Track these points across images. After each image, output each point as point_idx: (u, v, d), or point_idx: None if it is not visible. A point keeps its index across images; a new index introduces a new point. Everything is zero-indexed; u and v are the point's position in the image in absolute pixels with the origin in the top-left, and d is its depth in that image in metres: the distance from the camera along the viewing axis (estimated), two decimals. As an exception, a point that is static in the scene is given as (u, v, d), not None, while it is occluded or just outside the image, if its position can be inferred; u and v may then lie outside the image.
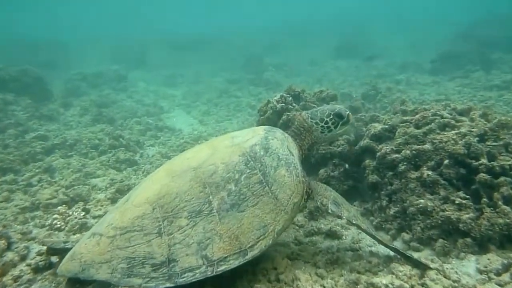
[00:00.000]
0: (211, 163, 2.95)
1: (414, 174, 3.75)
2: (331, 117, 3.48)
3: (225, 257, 2.53)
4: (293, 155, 3.21)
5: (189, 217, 2.65)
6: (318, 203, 3.17)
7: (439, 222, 3.40)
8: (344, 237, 4.02)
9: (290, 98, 5.45)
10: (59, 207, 4.57)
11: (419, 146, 3.82)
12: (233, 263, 2.54)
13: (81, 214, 4.38)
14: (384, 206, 3.98)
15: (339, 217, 3.11)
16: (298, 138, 3.59)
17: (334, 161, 4.71)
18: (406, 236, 3.63)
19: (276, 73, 20.80)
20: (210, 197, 2.74)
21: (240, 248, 2.58)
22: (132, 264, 2.46)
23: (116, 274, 2.44)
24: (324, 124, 3.50)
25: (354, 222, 3.07)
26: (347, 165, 4.66)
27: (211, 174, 2.87)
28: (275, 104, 5.29)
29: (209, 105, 16.38)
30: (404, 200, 3.78)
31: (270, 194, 2.85)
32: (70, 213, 4.38)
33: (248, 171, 2.91)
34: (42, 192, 5.23)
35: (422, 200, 3.57)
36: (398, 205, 3.85)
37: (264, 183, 2.88)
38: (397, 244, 3.71)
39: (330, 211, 3.08)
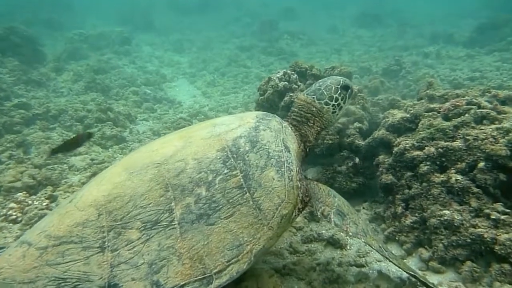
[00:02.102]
0: (180, 159, 2.44)
1: (439, 178, 3.22)
2: (339, 91, 3.09)
3: (182, 285, 2.04)
4: (289, 151, 2.68)
5: (142, 228, 2.16)
6: (318, 213, 2.71)
7: (468, 240, 2.90)
8: (348, 247, 3.55)
9: (295, 75, 4.84)
10: (18, 194, 4.11)
11: (447, 143, 3.27)
12: None
13: (44, 204, 3.92)
14: (399, 213, 3.45)
15: (345, 232, 2.63)
16: (303, 126, 3.12)
17: (342, 154, 4.15)
18: (424, 253, 3.16)
19: (291, 41, 20.00)
20: (172, 204, 2.24)
21: (204, 274, 2.09)
22: (62, 288, 2.00)
23: (38, 302, 1.98)
24: (335, 102, 3.10)
25: (363, 240, 2.62)
26: (357, 159, 4.10)
27: (177, 173, 2.36)
28: (276, 83, 4.68)
29: (215, 74, 15.87)
30: (424, 208, 3.25)
31: (251, 203, 2.34)
32: (30, 201, 3.92)
33: (225, 171, 2.40)
34: (6, 172, 4.78)
35: (447, 211, 3.05)
36: (416, 214, 3.33)
37: (245, 188, 2.37)
38: (413, 261, 3.22)
39: (333, 224, 2.62)
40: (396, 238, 3.42)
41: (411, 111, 3.78)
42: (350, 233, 2.62)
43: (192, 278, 2.07)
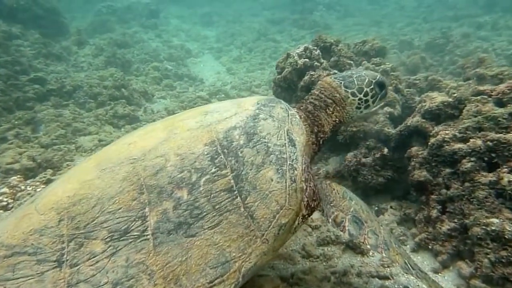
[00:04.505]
0: (160, 154, 2.09)
1: (486, 177, 2.74)
2: (372, 86, 2.70)
3: (153, 313, 1.73)
4: (294, 145, 2.29)
5: (108, 239, 1.83)
6: (330, 220, 2.30)
7: None
8: (370, 253, 3.15)
9: (318, 51, 4.33)
10: (12, 178, 3.93)
11: (499, 135, 2.74)
12: None
13: (38, 189, 3.73)
14: (434, 217, 2.99)
15: (362, 244, 2.23)
16: (321, 112, 2.73)
17: (368, 143, 3.67)
18: (464, 267, 2.77)
19: (326, 13, 19.13)
20: (146, 210, 1.90)
21: (180, 298, 1.76)
22: (9, 312, 1.73)
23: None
24: (364, 96, 2.70)
25: (384, 255, 2.21)
26: (386, 149, 3.60)
27: (155, 171, 2.01)
28: (296, 60, 4.21)
29: (242, 50, 15.50)
30: (465, 213, 2.79)
31: (243, 209, 1.97)
32: (23, 187, 3.73)
33: (213, 170, 2.04)
34: (6, 153, 4.63)
35: (495, 219, 2.59)
36: (455, 220, 2.87)
37: (236, 192, 2.01)
38: (449, 276, 2.81)
39: (347, 234, 2.22)
40: (430, 246, 2.99)
41: (455, 95, 3.23)
42: (368, 246, 2.21)
43: (165, 303, 1.74)
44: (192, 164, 2.04)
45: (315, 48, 4.41)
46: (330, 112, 2.72)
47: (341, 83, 2.72)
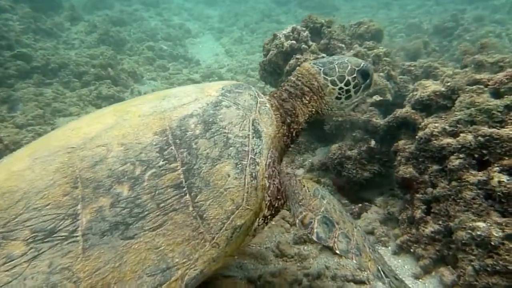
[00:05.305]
0: (102, 143, 1.88)
1: (475, 177, 2.53)
2: (354, 75, 2.48)
3: (73, 330, 1.55)
4: (260, 137, 2.10)
5: (30, 240, 1.64)
6: (297, 221, 2.07)
7: (510, 267, 2.21)
8: (349, 255, 2.92)
9: (306, 32, 4.06)
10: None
11: (492, 130, 2.51)
12: None
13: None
14: (418, 218, 2.79)
15: (332, 248, 2.03)
16: (296, 101, 2.53)
17: (354, 134, 3.44)
18: (447, 274, 2.61)
19: (335, -8, 18.62)
20: (79, 207, 1.70)
21: (108, 312, 1.58)
22: None
23: None
24: (345, 85, 2.48)
25: (355, 262, 1.98)
26: (373, 142, 3.38)
27: (93, 163, 1.81)
28: (282, 41, 3.95)
29: (244, 31, 15.18)
30: (451, 215, 2.57)
31: (191, 209, 1.78)
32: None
33: (160, 163, 1.84)
34: (-27, 134, 4.44)
35: (482, 223, 2.39)
36: (440, 222, 2.66)
37: (185, 189, 1.81)
38: (431, 283, 2.62)
39: (314, 237, 1.99)
40: (411, 249, 2.79)
41: (448, 83, 2.97)
42: (338, 251, 1.99)
43: (89, 318, 1.56)
44: (137, 155, 1.83)
45: (304, 29, 4.14)
46: (307, 102, 2.51)
47: (320, 69, 2.50)
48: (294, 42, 3.95)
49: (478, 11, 11.07)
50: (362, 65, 2.48)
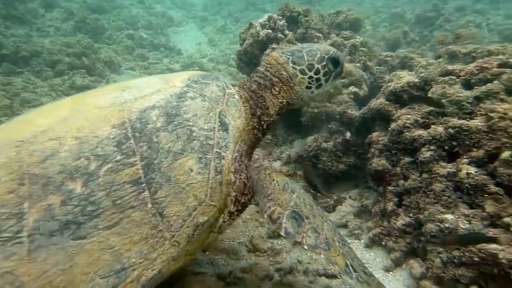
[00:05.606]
0: (55, 136, 1.79)
1: (444, 168, 2.55)
2: (324, 63, 2.42)
3: None
4: (226, 130, 2.05)
5: (-29, 242, 1.58)
6: (265, 217, 2.02)
7: (476, 258, 2.25)
8: (322, 248, 2.93)
9: (283, 21, 4.02)
10: None
11: (462, 121, 2.51)
12: None
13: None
14: (390, 210, 2.81)
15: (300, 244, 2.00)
16: (265, 93, 2.46)
17: (330, 126, 3.43)
18: (416, 267, 2.62)
19: (320, -17, 18.52)
20: (25, 205, 1.62)
21: (55, 318, 1.53)
22: None
23: None
24: (314, 74, 2.41)
25: (323, 257, 1.92)
26: (349, 134, 3.38)
27: (44, 158, 1.71)
28: (257, 30, 3.90)
29: (228, 19, 15.03)
30: (421, 208, 2.58)
31: (150, 206, 1.72)
32: None
33: (118, 158, 1.76)
34: None
35: (450, 215, 2.41)
36: (411, 214, 2.66)
37: (144, 185, 1.75)
38: (401, 276, 2.64)
39: (283, 232, 1.94)
40: (383, 242, 2.80)
41: (422, 74, 2.97)
42: (306, 246, 1.96)
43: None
44: (92, 150, 1.74)
45: (280, 18, 4.10)
46: (276, 93, 2.45)
47: (289, 58, 2.42)
48: (270, 31, 3.92)
49: (460, 1, 11.12)
50: (331, 52, 2.42)
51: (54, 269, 1.55)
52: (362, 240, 2.98)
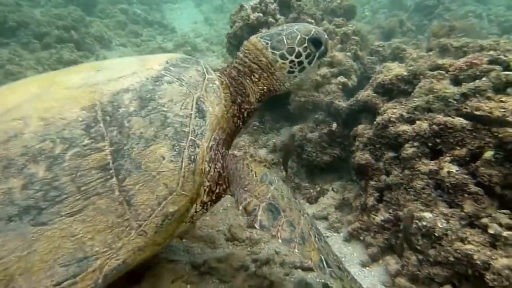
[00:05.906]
0: (20, 116, 1.72)
1: (426, 166, 2.52)
2: (305, 45, 2.32)
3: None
4: (203, 117, 1.99)
5: None
6: (240, 208, 1.97)
7: (451, 258, 2.24)
8: (301, 240, 2.92)
9: (275, 5, 3.93)
10: None
11: (447, 118, 2.47)
12: None
13: None
14: (370, 205, 2.80)
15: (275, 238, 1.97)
16: (245, 80, 2.40)
17: (317, 116, 3.39)
18: (392, 263, 2.62)
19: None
20: None
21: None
22: None
23: None
24: (295, 57, 2.32)
25: (297, 252, 1.88)
26: (335, 125, 3.34)
27: (6, 138, 1.64)
28: (248, 13, 3.81)
29: (227, -2, 14.72)
30: (401, 204, 2.57)
31: (118, 193, 1.68)
32: None
33: (86, 141, 1.69)
34: None
35: (428, 213, 2.40)
36: (390, 210, 2.65)
37: (112, 171, 1.69)
38: (376, 272, 2.63)
39: (257, 225, 1.89)
40: (361, 237, 2.80)
41: (411, 67, 2.92)
42: (280, 240, 1.93)
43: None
44: (58, 132, 1.68)
45: (272, 1, 4.00)
46: (256, 80, 2.37)
47: (267, 43, 2.32)
48: (261, 15, 3.83)
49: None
50: (312, 32, 2.33)
51: (10, 256, 1.50)
52: (341, 234, 2.97)
